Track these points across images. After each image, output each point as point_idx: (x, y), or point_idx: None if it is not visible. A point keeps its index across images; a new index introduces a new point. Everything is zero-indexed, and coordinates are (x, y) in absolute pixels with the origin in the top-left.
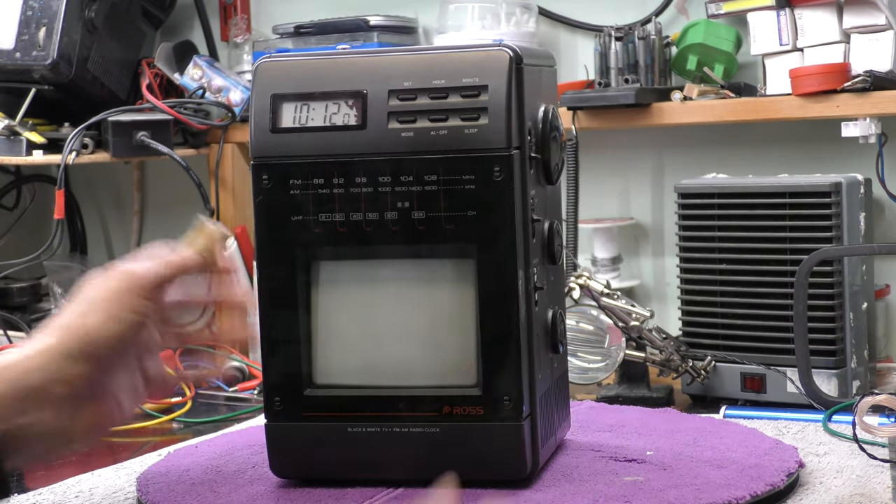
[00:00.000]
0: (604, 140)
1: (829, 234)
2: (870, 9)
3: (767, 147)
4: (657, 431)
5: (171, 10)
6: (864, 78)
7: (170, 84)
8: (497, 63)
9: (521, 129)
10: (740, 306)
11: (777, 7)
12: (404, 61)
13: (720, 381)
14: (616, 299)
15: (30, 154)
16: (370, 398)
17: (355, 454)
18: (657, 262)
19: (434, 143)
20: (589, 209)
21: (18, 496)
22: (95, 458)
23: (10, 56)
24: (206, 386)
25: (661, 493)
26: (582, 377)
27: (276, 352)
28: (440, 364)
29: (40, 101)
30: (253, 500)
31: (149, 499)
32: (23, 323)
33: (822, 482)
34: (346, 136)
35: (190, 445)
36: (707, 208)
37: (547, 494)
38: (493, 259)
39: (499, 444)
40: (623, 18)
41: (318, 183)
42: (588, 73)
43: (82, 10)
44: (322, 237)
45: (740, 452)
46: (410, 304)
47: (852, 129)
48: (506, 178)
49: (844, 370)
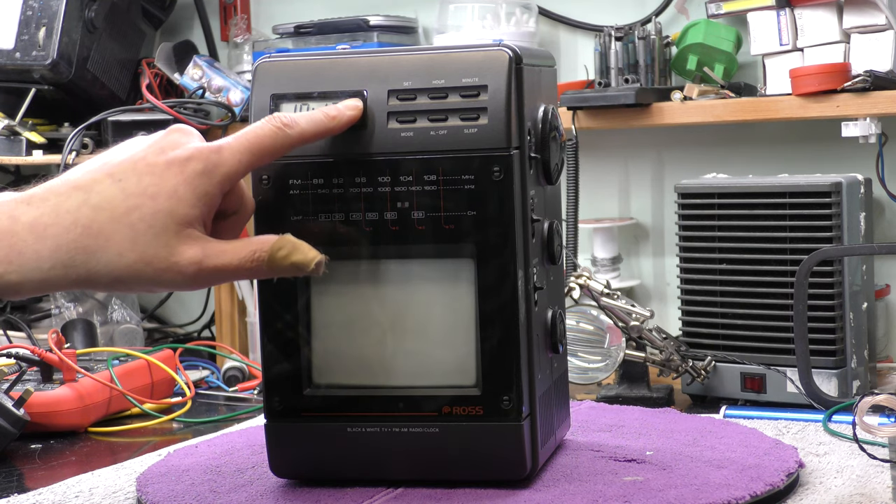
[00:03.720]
0: (604, 140)
1: (829, 234)
2: (870, 9)
3: (767, 147)
4: (657, 431)
5: (171, 10)
6: (864, 78)
7: (170, 84)
8: (497, 63)
9: (520, 129)
10: (740, 306)
11: (777, 7)
12: (404, 61)
13: (720, 381)
14: (616, 299)
15: (30, 154)
16: (370, 398)
17: (355, 454)
18: (657, 262)
19: (434, 143)
20: (589, 209)
21: (18, 496)
22: (95, 458)
23: (10, 56)
24: (206, 386)
25: (660, 493)
26: (582, 377)
27: (276, 352)
28: (440, 364)
29: (40, 101)
30: (253, 500)
31: (149, 499)
32: (23, 323)
33: (822, 482)
34: (346, 136)
35: (190, 445)
36: (707, 208)
37: (546, 494)
38: (492, 259)
39: (498, 444)
40: (623, 18)
41: (318, 183)
42: (588, 73)
43: (82, 10)
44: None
45: (740, 452)
46: (410, 304)
47: (852, 129)
48: (505, 178)
49: (844, 370)
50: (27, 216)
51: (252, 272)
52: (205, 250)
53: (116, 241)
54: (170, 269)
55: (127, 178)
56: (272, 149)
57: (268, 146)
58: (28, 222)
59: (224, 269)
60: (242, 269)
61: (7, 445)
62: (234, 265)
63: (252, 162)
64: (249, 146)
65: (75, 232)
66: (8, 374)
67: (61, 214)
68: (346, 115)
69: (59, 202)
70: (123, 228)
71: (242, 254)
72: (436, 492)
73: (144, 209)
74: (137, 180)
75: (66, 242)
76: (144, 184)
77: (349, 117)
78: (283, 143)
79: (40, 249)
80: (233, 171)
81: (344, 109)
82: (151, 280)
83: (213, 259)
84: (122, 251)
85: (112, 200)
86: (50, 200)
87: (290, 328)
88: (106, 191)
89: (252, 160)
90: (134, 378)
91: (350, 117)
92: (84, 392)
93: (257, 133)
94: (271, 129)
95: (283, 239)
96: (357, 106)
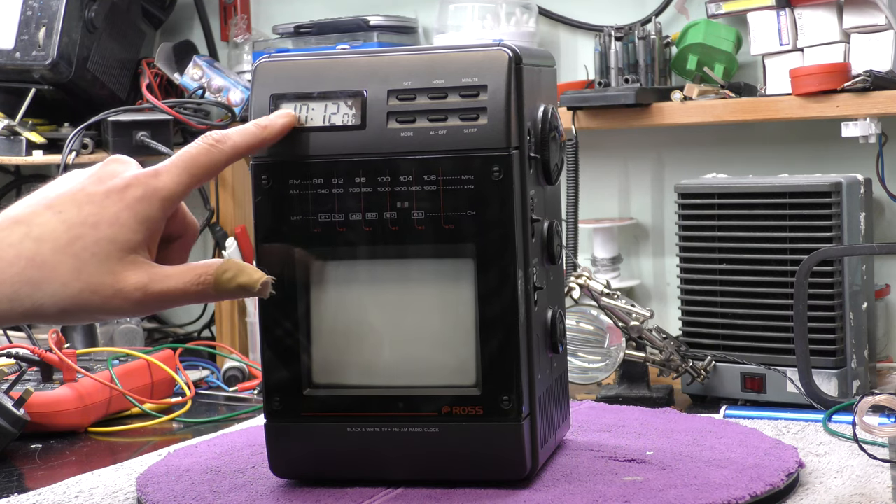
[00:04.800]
0: (604, 140)
1: (829, 234)
2: (870, 9)
3: (767, 147)
4: (657, 431)
5: (171, 10)
6: (864, 78)
7: (170, 84)
8: (496, 63)
9: (520, 128)
10: (740, 306)
11: (777, 7)
12: (404, 61)
13: (720, 381)
14: (616, 299)
15: (30, 154)
16: (370, 398)
17: (355, 454)
18: (657, 262)
19: (433, 143)
20: (589, 209)
21: (18, 496)
22: (95, 458)
23: (10, 56)
24: (206, 386)
25: (660, 493)
26: (582, 377)
27: (276, 352)
28: (439, 364)
29: (40, 101)
30: (253, 500)
31: (149, 499)
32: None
33: (822, 482)
34: (346, 136)
35: (190, 445)
36: (707, 208)
37: (546, 494)
38: (492, 259)
39: (498, 444)
40: (623, 18)
41: (318, 183)
42: (588, 73)
43: (82, 10)
44: (321, 237)
45: (740, 452)
46: (410, 304)
47: (852, 129)
48: (505, 177)
49: (844, 370)
50: None
51: (199, 296)
52: (150, 275)
53: (61, 271)
54: (115, 295)
55: (67, 210)
56: (207, 165)
57: (203, 163)
58: None
59: (170, 294)
60: (189, 293)
61: (7, 445)
62: (179, 289)
63: (190, 182)
64: (185, 166)
65: (19, 265)
66: (8, 374)
67: (3, 248)
68: (278, 122)
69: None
70: (67, 259)
71: (188, 277)
72: (436, 492)
73: (87, 238)
74: (77, 210)
75: (10, 276)
76: (85, 213)
77: (281, 125)
78: (218, 159)
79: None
80: (172, 193)
81: (275, 118)
82: (98, 308)
83: (159, 284)
84: (67, 281)
85: (54, 232)
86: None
87: (290, 329)
88: (47, 223)
89: (190, 180)
90: (134, 378)
91: (282, 125)
92: (84, 392)
93: (191, 153)
94: (204, 146)
95: (228, 262)
96: (288, 114)
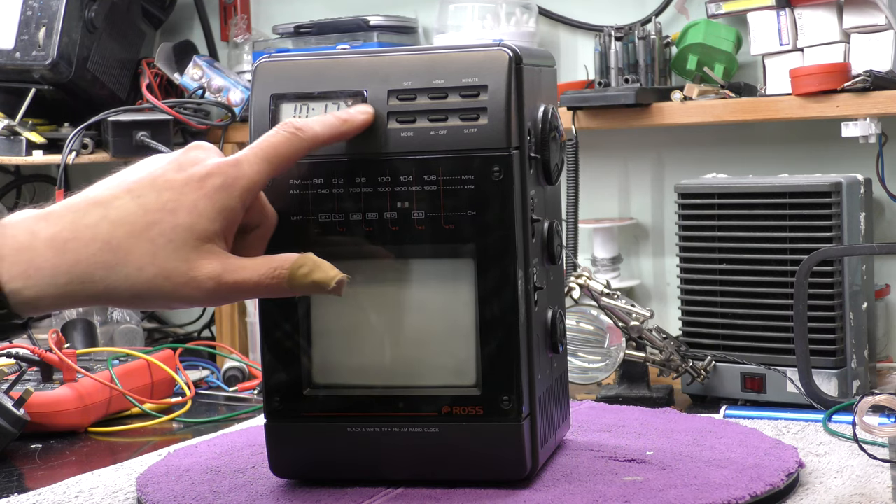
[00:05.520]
0: (604, 140)
1: (829, 234)
2: (870, 9)
3: (767, 147)
4: (657, 431)
5: (171, 10)
6: (864, 78)
7: (170, 84)
8: (497, 63)
9: (520, 129)
10: (740, 306)
11: (777, 7)
12: (404, 61)
13: (720, 381)
14: (616, 299)
15: (30, 154)
16: (370, 398)
17: (355, 454)
18: (657, 262)
19: (433, 143)
20: (589, 209)
21: (18, 496)
22: (95, 458)
23: (10, 56)
24: (206, 386)
25: (660, 493)
26: (582, 377)
27: (276, 352)
28: (440, 364)
29: (40, 101)
30: (253, 500)
31: (149, 499)
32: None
33: (822, 482)
34: None
35: (190, 445)
36: (707, 208)
37: (546, 494)
38: (492, 259)
39: (498, 444)
40: (623, 18)
41: (318, 183)
42: (588, 73)
43: (82, 10)
44: (321, 237)
45: (740, 452)
46: (410, 304)
47: (852, 129)
48: (505, 178)
49: (844, 370)
50: (46, 231)
51: (272, 289)
52: (224, 266)
53: (136, 255)
54: (188, 283)
55: (146, 195)
56: (288, 154)
57: (283, 153)
58: (47, 237)
59: (243, 285)
60: (262, 285)
61: (7, 445)
62: (253, 281)
63: (270, 170)
64: (266, 155)
65: (95, 247)
66: (8, 374)
67: (80, 229)
68: (359, 118)
69: (77, 218)
70: (143, 243)
71: (262, 270)
72: (436, 492)
73: (164, 224)
74: (156, 196)
75: (86, 257)
76: (163, 199)
77: (361, 121)
78: (298, 148)
79: (59, 265)
80: (252, 183)
81: (356, 113)
82: (170, 295)
83: (233, 274)
84: (142, 266)
85: (131, 216)
86: (68, 216)
87: (291, 329)
88: (125, 206)
89: (270, 169)
90: (134, 378)
91: (362, 121)
92: (84, 392)
93: (271, 141)
94: (285, 135)
95: (304, 257)
96: (368, 111)
